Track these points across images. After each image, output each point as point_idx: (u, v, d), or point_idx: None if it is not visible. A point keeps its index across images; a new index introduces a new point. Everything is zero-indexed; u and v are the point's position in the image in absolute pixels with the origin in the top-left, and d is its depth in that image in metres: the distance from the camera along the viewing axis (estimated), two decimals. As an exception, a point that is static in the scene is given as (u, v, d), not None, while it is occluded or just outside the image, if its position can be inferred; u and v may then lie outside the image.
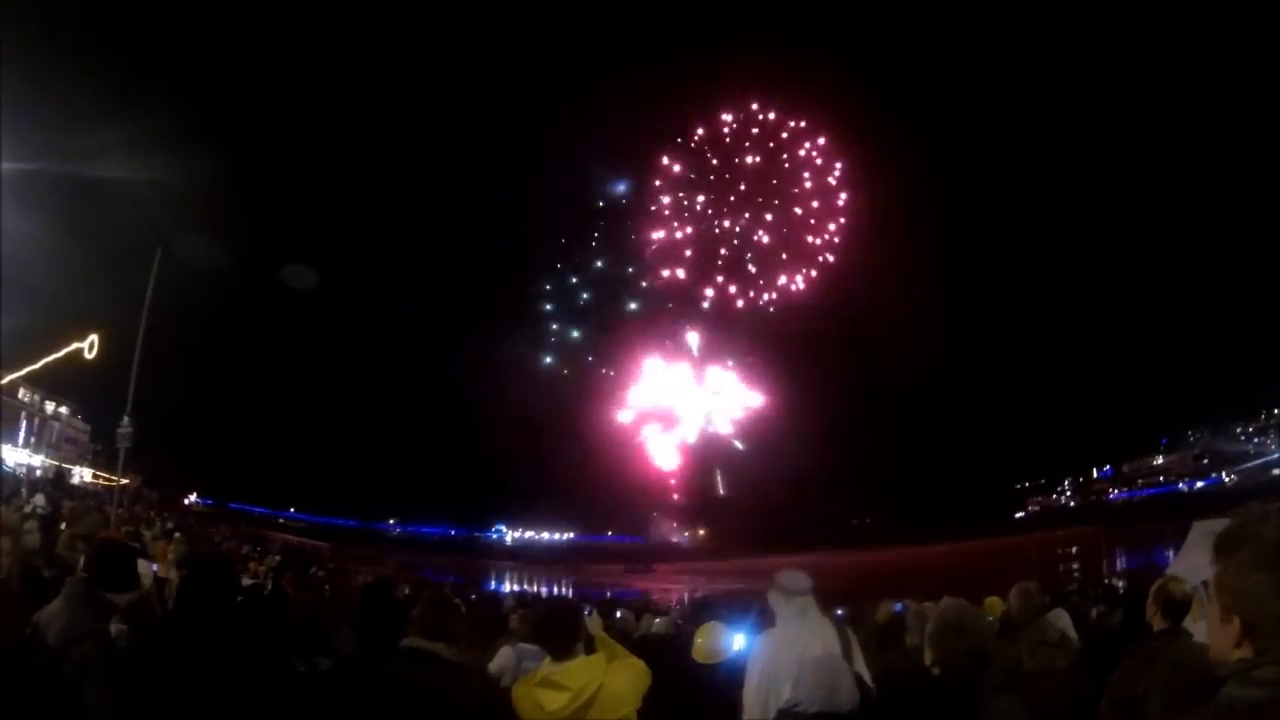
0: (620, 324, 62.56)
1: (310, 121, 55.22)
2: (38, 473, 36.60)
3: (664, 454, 61.12)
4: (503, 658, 4.89)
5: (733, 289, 62.46)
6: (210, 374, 51.55)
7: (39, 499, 20.78)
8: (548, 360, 61.97)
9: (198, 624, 4.07)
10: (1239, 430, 63.03)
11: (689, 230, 62.70)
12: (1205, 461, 64.32)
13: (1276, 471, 56.78)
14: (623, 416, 60.56)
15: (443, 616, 3.93)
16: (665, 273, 62.69)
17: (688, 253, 62.58)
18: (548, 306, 64.14)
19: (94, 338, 19.78)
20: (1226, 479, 60.73)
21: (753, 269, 62.55)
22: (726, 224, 62.67)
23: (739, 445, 59.97)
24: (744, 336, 61.25)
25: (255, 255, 47.77)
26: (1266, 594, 1.52)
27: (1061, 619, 5.81)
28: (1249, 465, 60.08)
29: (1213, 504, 49.10)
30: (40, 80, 23.29)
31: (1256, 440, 61.88)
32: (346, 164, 57.44)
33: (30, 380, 33.69)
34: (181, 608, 4.56)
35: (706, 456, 60.83)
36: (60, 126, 26.21)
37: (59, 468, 40.22)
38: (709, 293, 62.23)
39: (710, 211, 62.49)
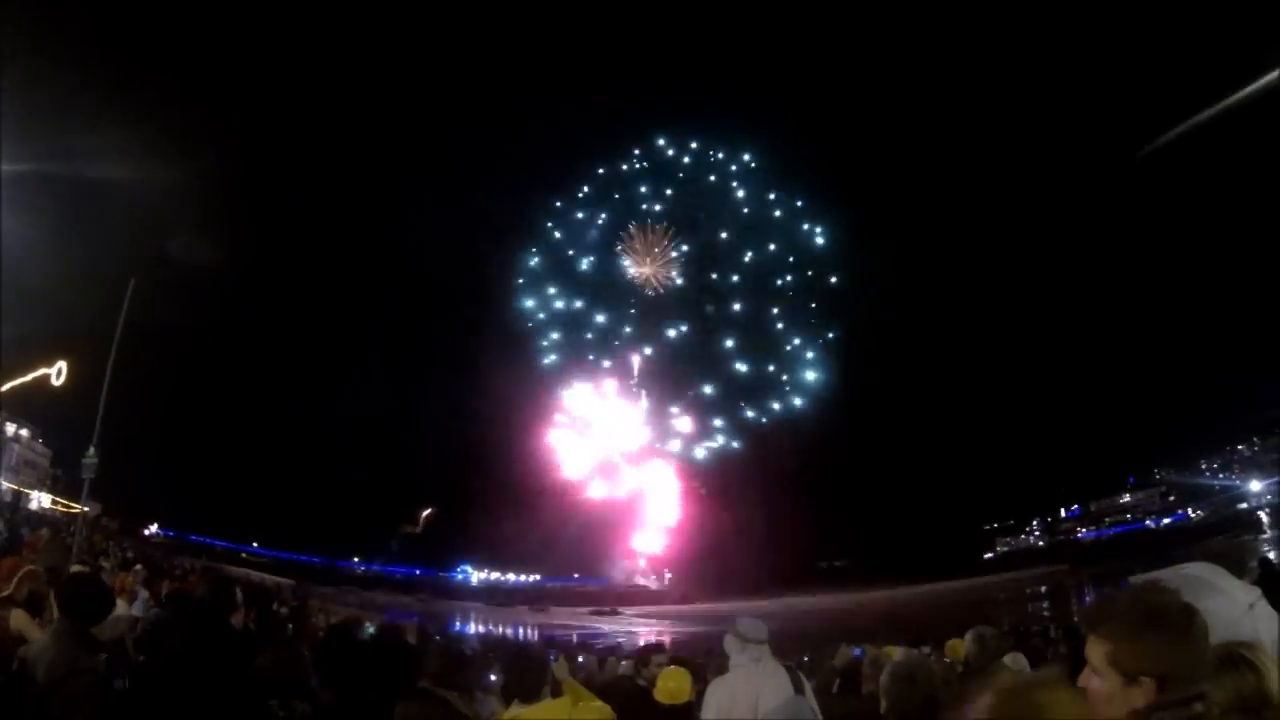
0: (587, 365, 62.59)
1: (273, 160, 55.16)
2: (-6, 495, 35.53)
3: (631, 497, 60.99)
4: None
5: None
6: (175, 404, 50.77)
7: (-4, 525, 20.20)
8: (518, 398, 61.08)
9: (199, 664, 4.01)
10: (1204, 467, 64.38)
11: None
12: (1172, 498, 65.52)
13: (1241, 506, 58.10)
14: (591, 459, 60.44)
15: (452, 664, 3.87)
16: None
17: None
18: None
19: (62, 364, 19.48)
20: (1193, 515, 61.95)
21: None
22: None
23: (705, 489, 59.96)
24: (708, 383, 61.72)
25: (224, 290, 47.61)
26: (1142, 656, 1.89)
27: (1018, 662, 5.91)
28: (1214, 501, 61.27)
29: (1180, 540, 50.03)
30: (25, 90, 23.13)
31: (1221, 476, 63.20)
32: (305, 201, 57.89)
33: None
34: (190, 648, 4.48)
35: (675, 501, 60.71)
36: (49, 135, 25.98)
37: (17, 492, 38.98)
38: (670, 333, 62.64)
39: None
